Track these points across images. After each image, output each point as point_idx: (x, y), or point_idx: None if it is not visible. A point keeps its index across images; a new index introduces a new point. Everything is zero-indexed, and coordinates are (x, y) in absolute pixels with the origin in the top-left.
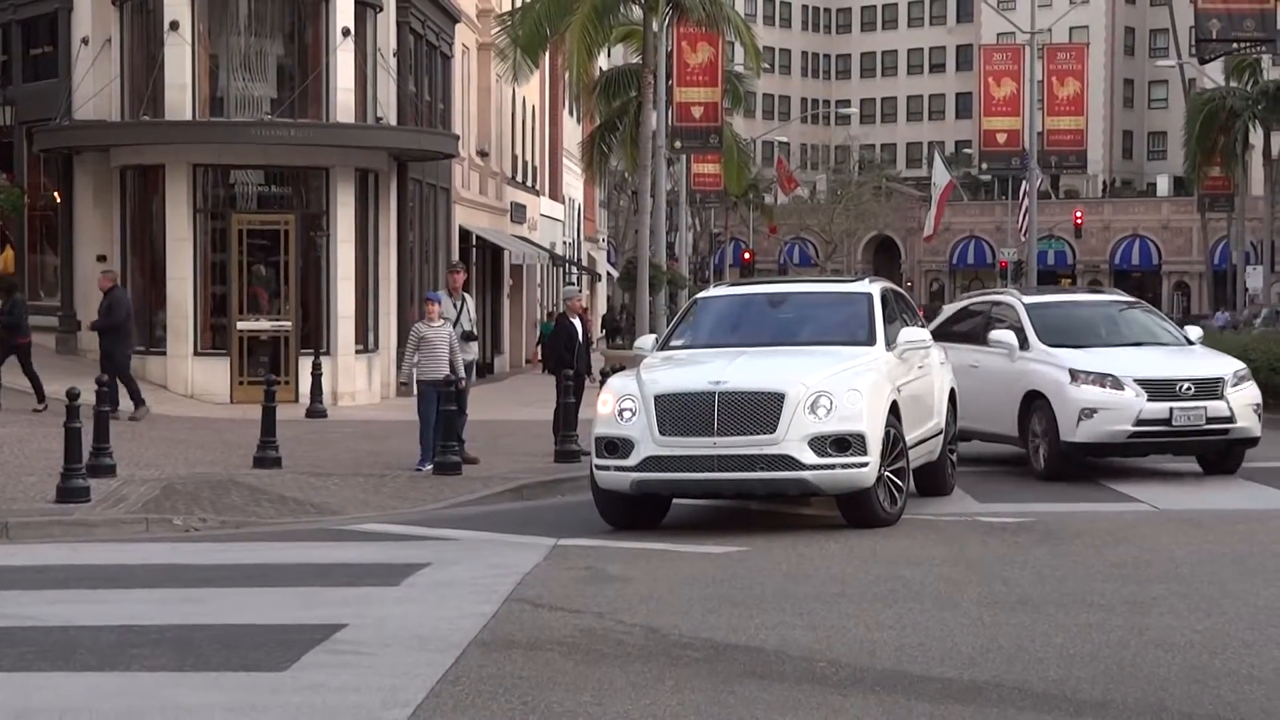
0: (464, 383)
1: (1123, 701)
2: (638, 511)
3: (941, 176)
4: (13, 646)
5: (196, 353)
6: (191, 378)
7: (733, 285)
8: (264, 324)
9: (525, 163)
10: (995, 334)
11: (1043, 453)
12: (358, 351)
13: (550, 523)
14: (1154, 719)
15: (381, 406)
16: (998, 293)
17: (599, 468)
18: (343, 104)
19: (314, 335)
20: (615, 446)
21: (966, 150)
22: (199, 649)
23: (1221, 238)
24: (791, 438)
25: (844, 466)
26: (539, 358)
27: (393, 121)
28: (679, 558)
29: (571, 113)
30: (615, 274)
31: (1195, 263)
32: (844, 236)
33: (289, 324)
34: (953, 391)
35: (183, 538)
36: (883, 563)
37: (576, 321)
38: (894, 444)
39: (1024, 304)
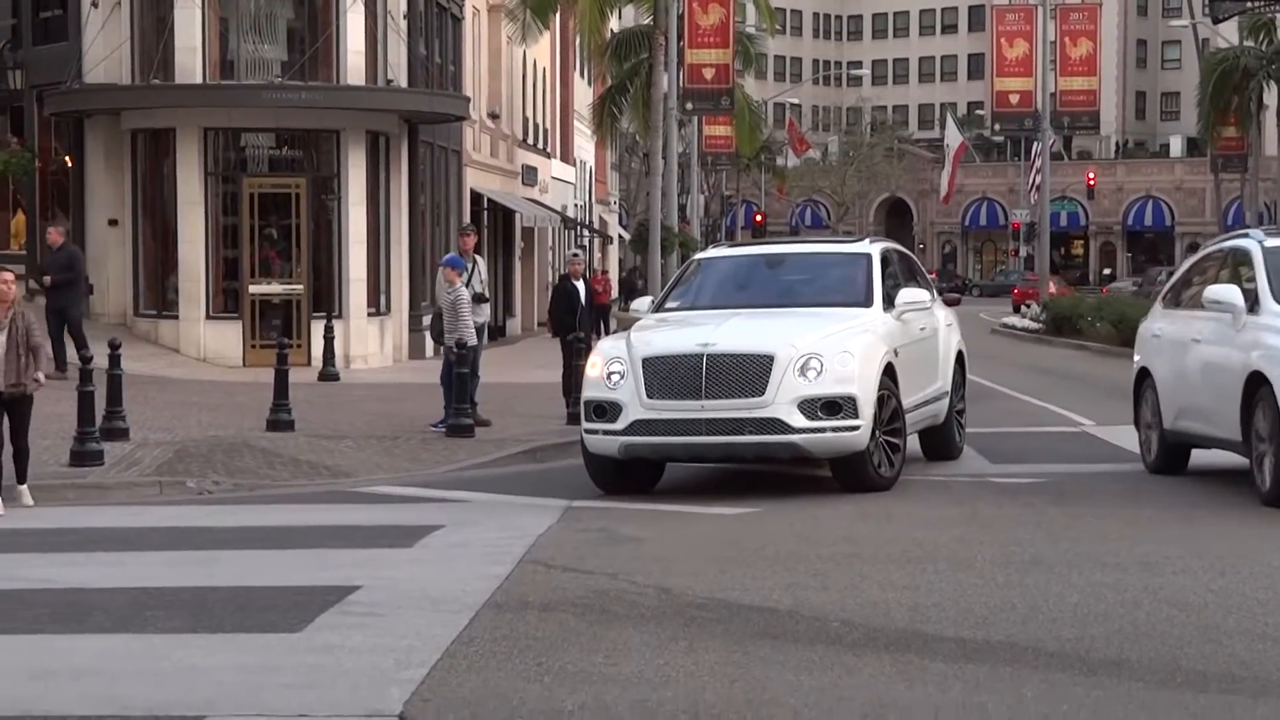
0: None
1: (1137, 660)
2: (628, 475)
3: (954, 138)
4: (28, 608)
5: (208, 316)
6: (204, 341)
7: (731, 246)
8: (276, 287)
9: (536, 125)
10: (1212, 291)
11: (1268, 466)
12: (370, 314)
13: (563, 485)
14: (1168, 678)
15: (394, 369)
16: (1238, 235)
17: (588, 431)
18: (353, 66)
19: (326, 298)
20: (603, 410)
21: (979, 111)
22: (213, 611)
23: (1235, 198)
24: (781, 400)
25: (835, 430)
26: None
27: (403, 84)
28: (692, 519)
29: (582, 75)
30: (627, 236)
31: (1208, 224)
32: (856, 198)
33: (301, 287)
34: (961, 354)
35: (196, 500)
36: (896, 524)
37: (579, 285)
38: (889, 407)
39: (1262, 248)
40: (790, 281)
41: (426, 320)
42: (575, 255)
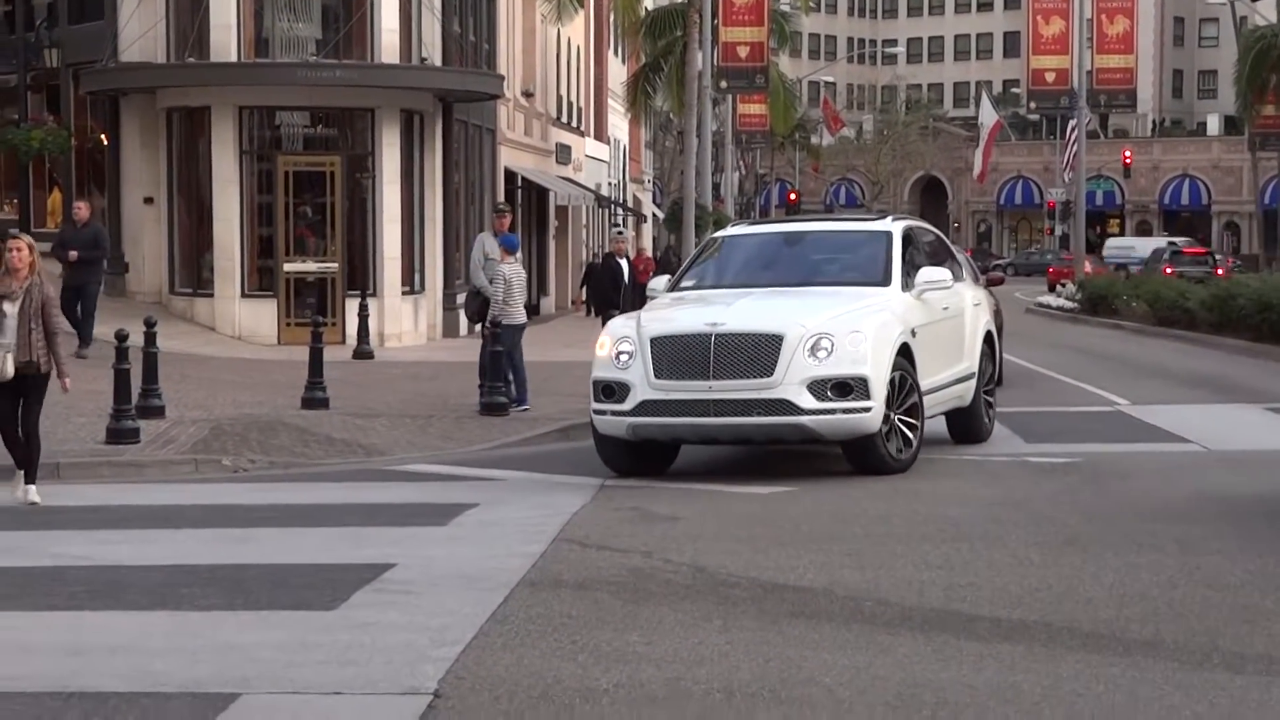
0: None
1: (1173, 641)
2: (638, 457)
3: (989, 116)
4: (64, 585)
5: (243, 294)
6: (239, 319)
7: (750, 224)
8: (310, 265)
9: (570, 103)
10: None
11: None
12: (404, 293)
13: (597, 463)
14: (1204, 659)
15: (428, 348)
16: None
17: (596, 412)
18: (387, 44)
19: (360, 277)
20: (612, 390)
21: (1014, 90)
22: (248, 588)
23: (1272, 177)
24: (790, 381)
25: (845, 411)
26: (583, 300)
27: (437, 62)
28: (726, 498)
29: (616, 53)
30: (661, 215)
31: (1245, 202)
32: (890, 177)
33: (335, 265)
34: (990, 334)
35: (231, 478)
36: (930, 503)
37: (623, 263)
38: (905, 388)
39: None
40: (808, 260)
41: (461, 299)
42: (620, 233)
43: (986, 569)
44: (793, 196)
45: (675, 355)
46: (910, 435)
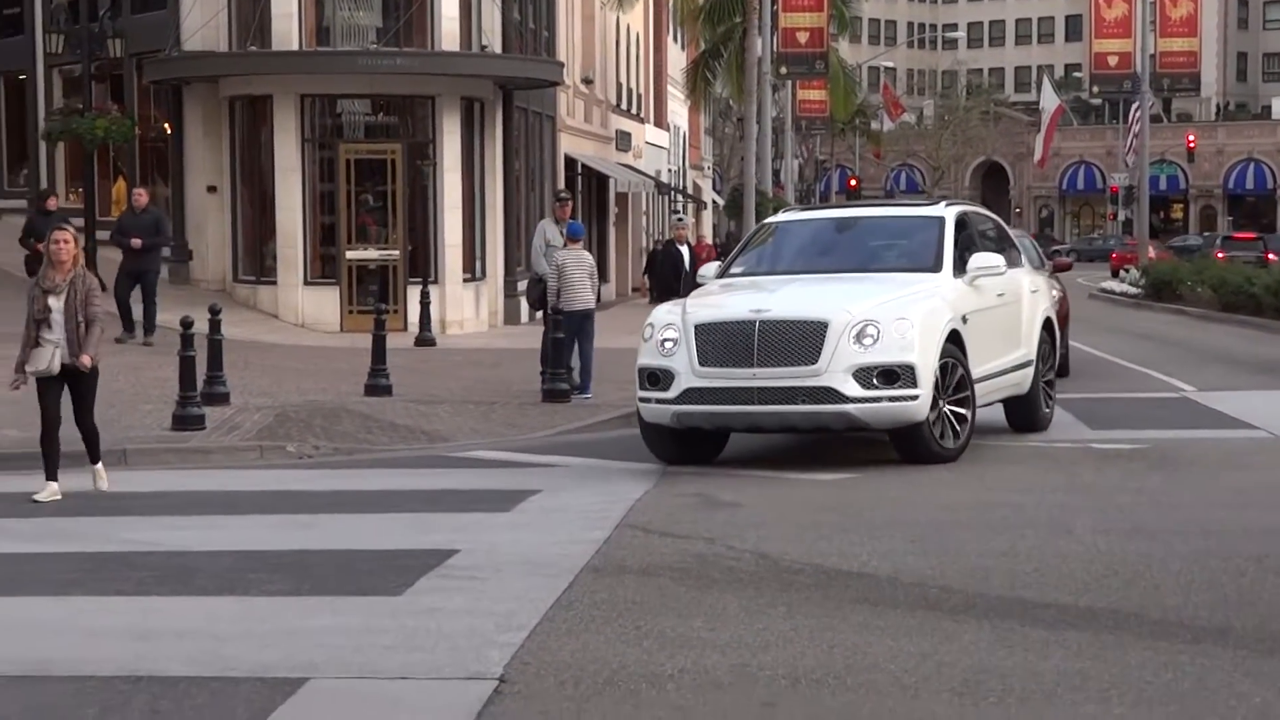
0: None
1: (1242, 629)
2: (685, 445)
3: (1050, 101)
4: (133, 571)
5: (306, 282)
6: (302, 307)
7: (803, 210)
8: (372, 253)
9: (630, 90)
10: None
11: None
12: (465, 280)
13: None
14: (1274, 646)
15: (489, 335)
16: None
17: (641, 400)
18: (448, 32)
19: (422, 264)
20: (657, 378)
21: (1076, 74)
22: (315, 574)
23: None
24: (834, 369)
25: (891, 399)
26: (646, 286)
27: (498, 49)
28: (788, 484)
29: (676, 39)
30: (720, 202)
31: None
32: (951, 162)
33: (397, 253)
34: (1049, 320)
35: (296, 464)
36: (995, 490)
37: (684, 249)
38: (955, 376)
39: None
40: (859, 246)
41: (522, 286)
42: (680, 220)
43: (1052, 556)
44: (853, 182)
45: (719, 342)
46: (960, 424)
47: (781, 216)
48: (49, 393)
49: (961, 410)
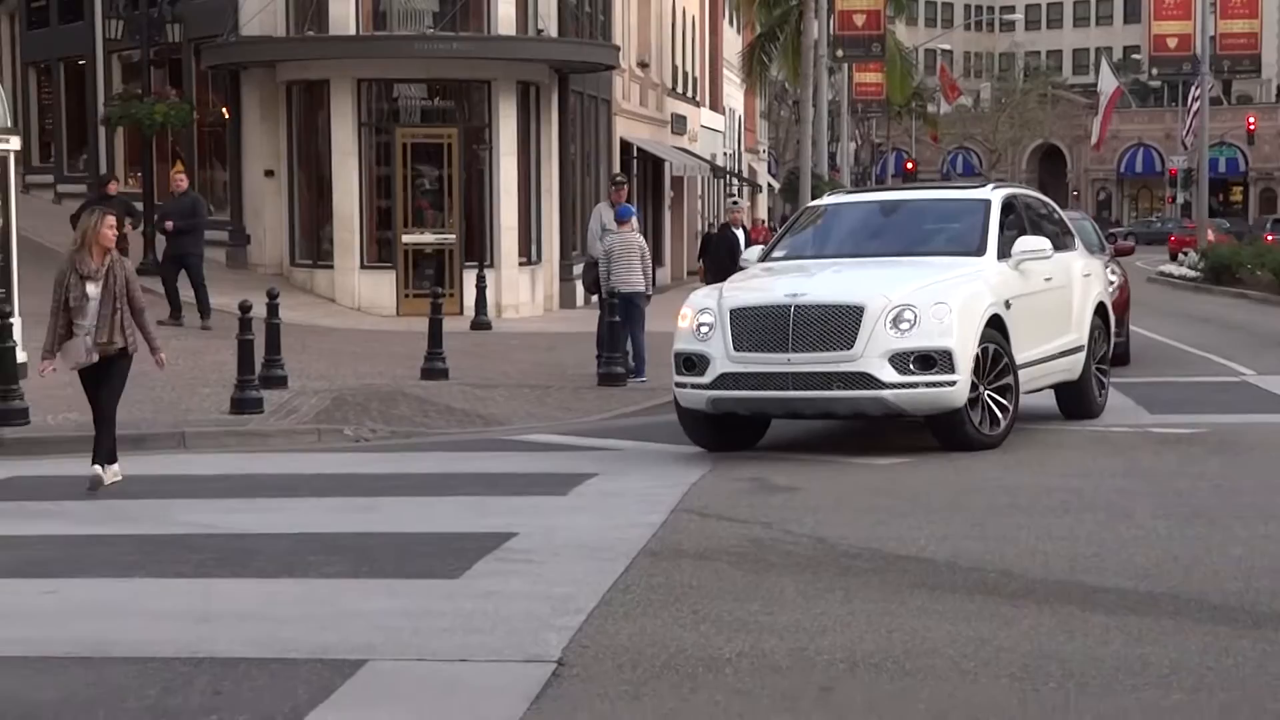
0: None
1: None
2: (723, 431)
3: (1108, 83)
4: (194, 553)
5: (363, 266)
6: (358, 291)
7: (848, 193)
8: (428, 237)
9: (685, 74)
10: None
11: None
12: (521, 264)
13: None
14: None
15: (545, 318)
16: None
17: (677, 385)
18: (504, 16)
19: (477, 248)
20: (692, 363)
21: (1135, 56)
22: (373, 556)
23: None
24: (870, 354)
25: (928, 385)
26: (701, 270)
27: (553, 33)
28: (845, 468)
29: (731, 23)
30: (776, 185)
31: None
32: (1008, 145)
33: (453, 237)
34: (1102, 305)
35: (353, 448)
36: (1053, 474)
37: (739, 233)
38: (996, 362)
39: None
40: (903, 229)
41: (578, 270)
42: (736, 204)
43: (1112, 541)
44: (909, 165)
45: (755, 327)
46: (1002, 410)
47: (826, 200)
48: (87, 379)
49: (1003, 397)
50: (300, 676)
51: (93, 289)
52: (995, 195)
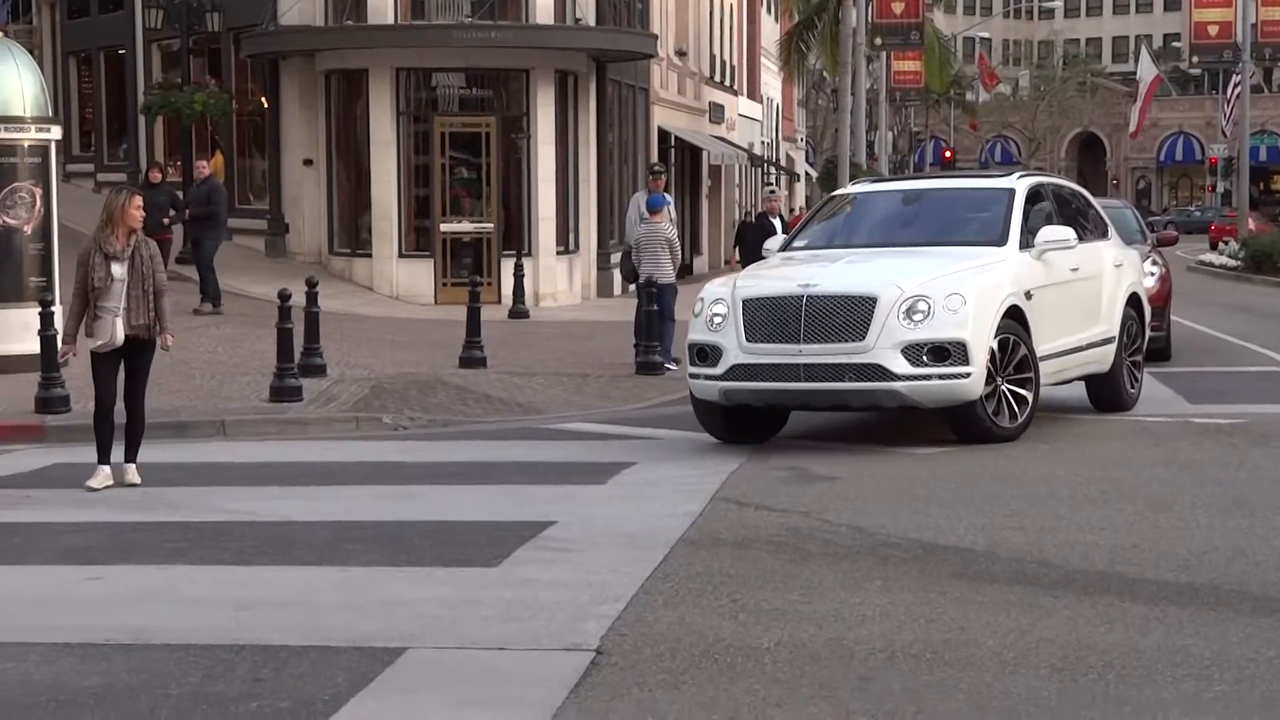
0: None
1: None
2: (737, 423)
3: (1148, 71)
4: (234, 541)
5: (401, 255)
6: (396, 279)
7: (873, 181)
8: (466, 226)
9: (723, 62)
10: None
11: None
12: (559, 253)
13: None
14: None
15: (583, 307)
16: None
17: (691, 376)
18: (542, 5)
19: (515, 237)
20: (705, 354)
21: (1175, 43)
22: (412, 544)
23: None
24: (883, 345)
25: (942, 377)
26: (736, 259)
27: (591, 22)
28: (884, 458)
29: (769, 10)
30: (814, 174)
31: None
32: (1047, 134)
33: (491, 226)
34: (1135, 296)
35: (392, 436)
36: (1092, 464)
37: (776, 222)
38: (1015, 353)
39: None
40: (924, 218)
41: (615, 258)
42: (773, 192)
43: (1151, 531)
44: (948, 154)
45: (767, 318)
46: (1020, 403)
47: (848, 189)
48: (105, 367)
49: (1022, 389)
50: (340, 664)
51: (118, 270)
52: (1020, 184)
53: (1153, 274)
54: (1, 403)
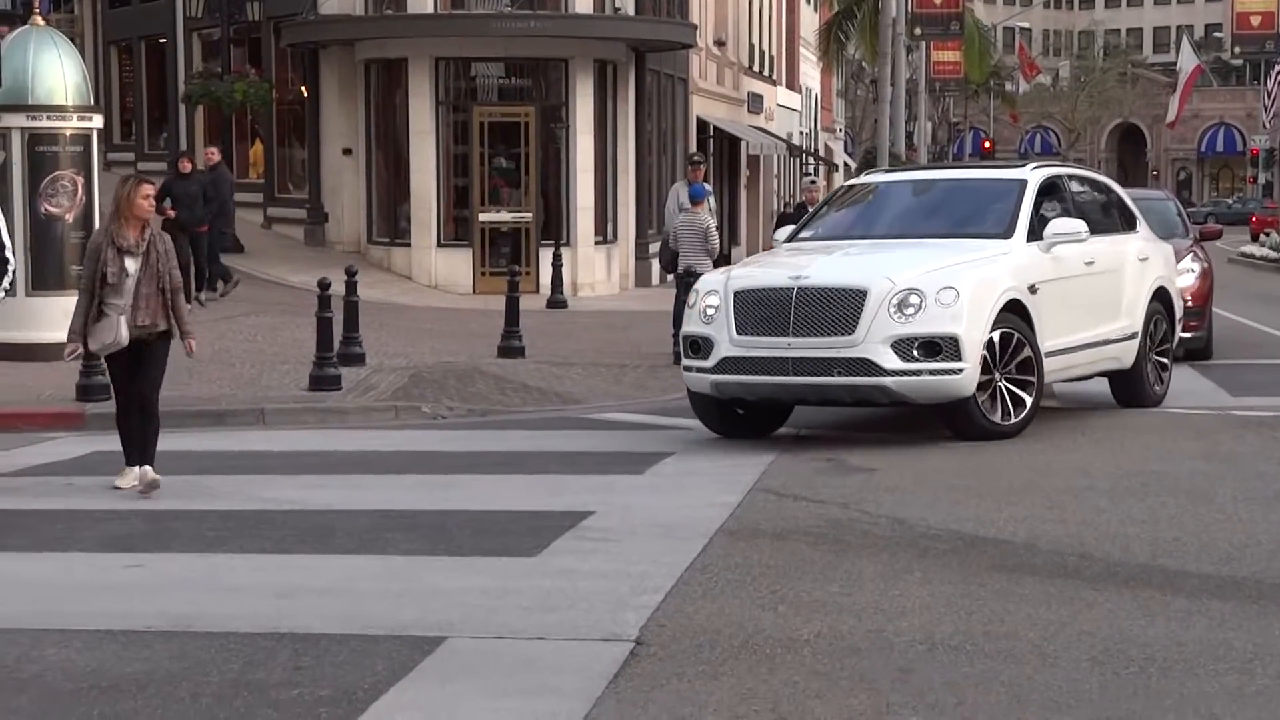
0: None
1: None
2: (734, 416)
3: (1189, 61)
4: (274, 529)
5: (439, 244)
6: (435, 269)
7: (886, 171)
8: (505, 215)
9: (762, 52)
10: None
11: None
12: (597, 243)
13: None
14: None
15: (621, 297)
16: None
17: (685, 368)
18: None
19: (554, 226)
20: (698, 346)
21: (1217, 34)
22: (451, 534)
23: None
24: (872, 339)
25: (933, 373)
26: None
27: (630, 12)
28: (923, 449)
29: (808, 1)
30: (853, 164)
31: None
32: (1087, 124)
33: (529, 215)
34: (1162, 290)
35: (431, 425)
36: (1133, 457)
37: None
38: (1017, 350)
39: None
40: (932, 210)
41: (653, 248)
42: (812, 183)
43: (1193, 524)
44: (987, 144)
45: (757, 310)
46: (1017, 400)
47: (861, 179)
48: (116, 368)
49: (1023, 385)
50: (380, 652)
51: (131, 264)
52: (1033, 175)
53: (1192, 270)
54: (43, 390)
